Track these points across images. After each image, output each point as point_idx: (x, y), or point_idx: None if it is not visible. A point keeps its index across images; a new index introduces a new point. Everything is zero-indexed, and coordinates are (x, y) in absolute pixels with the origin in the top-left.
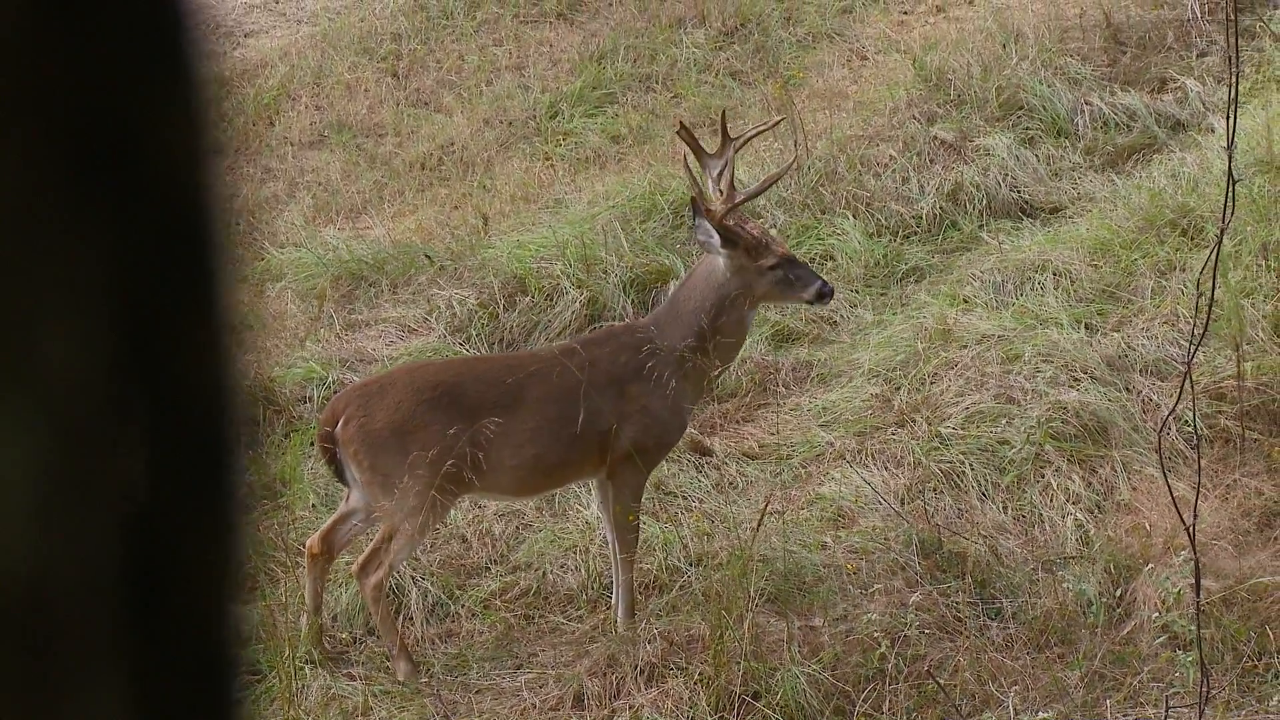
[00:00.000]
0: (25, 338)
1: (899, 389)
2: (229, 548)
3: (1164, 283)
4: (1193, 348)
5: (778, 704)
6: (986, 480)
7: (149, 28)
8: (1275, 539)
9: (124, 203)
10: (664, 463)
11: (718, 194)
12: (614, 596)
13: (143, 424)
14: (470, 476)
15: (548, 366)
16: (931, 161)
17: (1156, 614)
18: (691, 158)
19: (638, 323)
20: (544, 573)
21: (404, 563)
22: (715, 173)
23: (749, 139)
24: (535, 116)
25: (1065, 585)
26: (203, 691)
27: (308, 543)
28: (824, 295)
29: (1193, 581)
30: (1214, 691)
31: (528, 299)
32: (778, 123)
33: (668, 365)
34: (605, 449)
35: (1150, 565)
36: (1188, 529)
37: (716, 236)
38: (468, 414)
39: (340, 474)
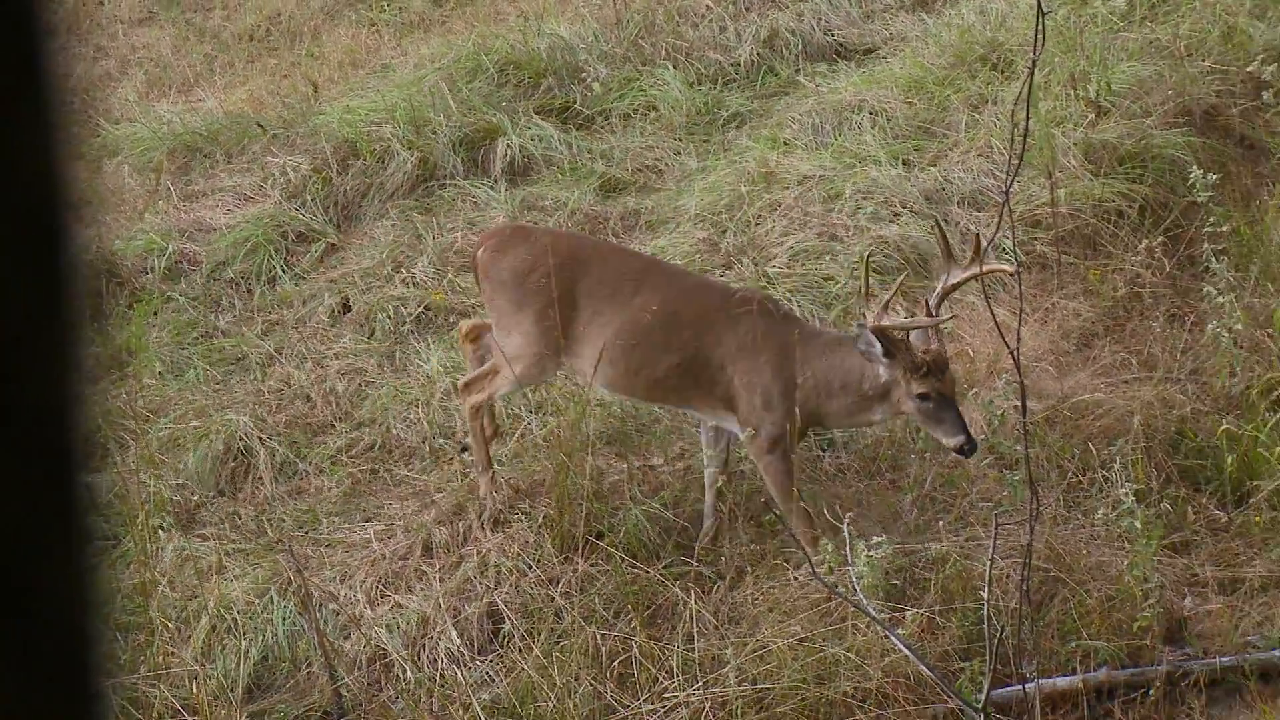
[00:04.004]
0: None
1: (725, 232)
2: (77, 419)
3: (977, 116)
4: (1008, 178)
5: (621, 542)
6: (814, 315)
7: None
8: (1094, 359)
9: None
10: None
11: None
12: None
13: None
14: (566, 350)
15: (675, 289)
16: (747, 10)
17: (983, 436)
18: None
19: (803, 324)
20: (387, 428)
21: (501, 396)
22: (946, 279)
23: (994, 271)
24: None
25: None
26: (59, 558)
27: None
28: (963, 451)
29: (1017, 403)
30: (1041, 508)
31: (360, 162)
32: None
33: (773, 373)
34: (699, 389)
35: (975, 389)
36: (1011, 352)
37: (878, 346)
38: (579, 293)
39: None
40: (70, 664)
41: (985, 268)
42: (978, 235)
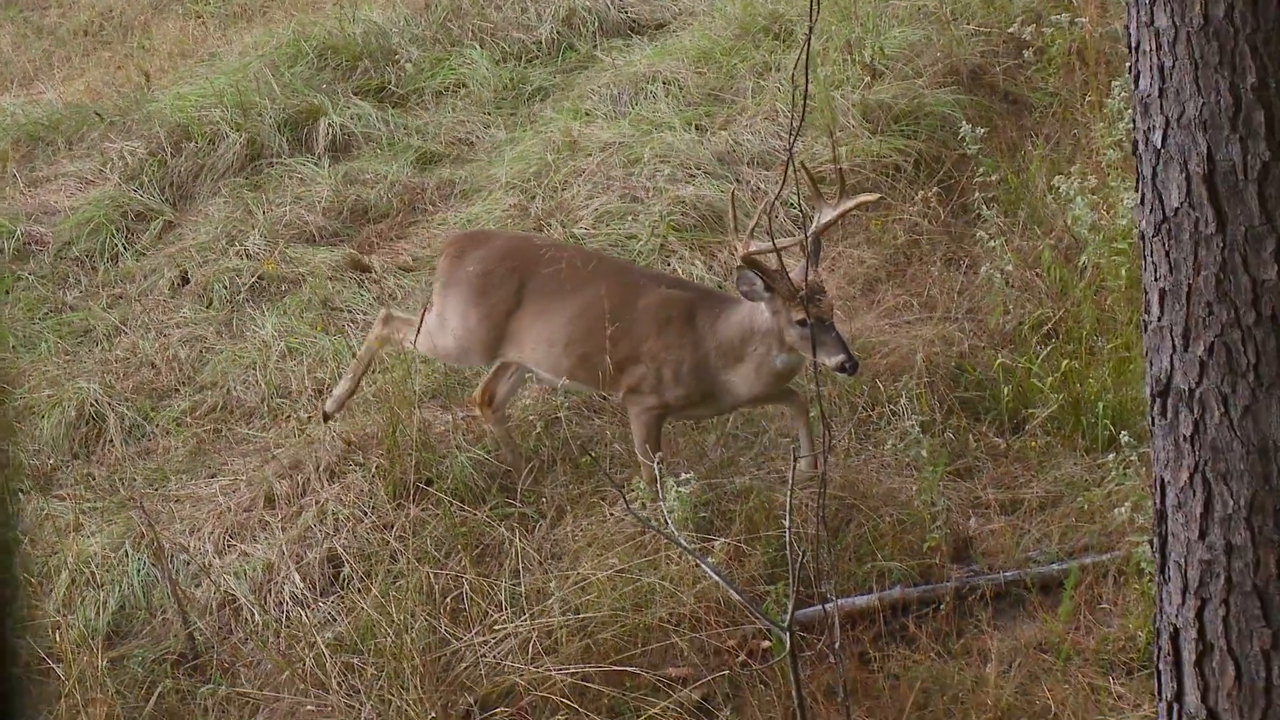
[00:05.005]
0: None
1: (534, 198)
2: None
3: (762, 83)
4: (792, 138)
5: (449, 488)
6: None
7: None
8: (879, 302)
9: None
10: (330, 282)
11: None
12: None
13: None
14: (509, 344)
15: (608, 284)
16: None
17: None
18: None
19: (714, 301)
20: (228, 390)
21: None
22: (819, 217)
23: (860, 203)
24: None
25: None
26: None
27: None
28: (844, 369)
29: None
30: (835, 441)
31: (192, 144)
32: (876, 199)
33: (692, 349)
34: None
35: None
36: (800, 299)
37: (759, 282)
38: (526, 292)
39: None
40: None
41: (852, 200)
42: (841, 170)
